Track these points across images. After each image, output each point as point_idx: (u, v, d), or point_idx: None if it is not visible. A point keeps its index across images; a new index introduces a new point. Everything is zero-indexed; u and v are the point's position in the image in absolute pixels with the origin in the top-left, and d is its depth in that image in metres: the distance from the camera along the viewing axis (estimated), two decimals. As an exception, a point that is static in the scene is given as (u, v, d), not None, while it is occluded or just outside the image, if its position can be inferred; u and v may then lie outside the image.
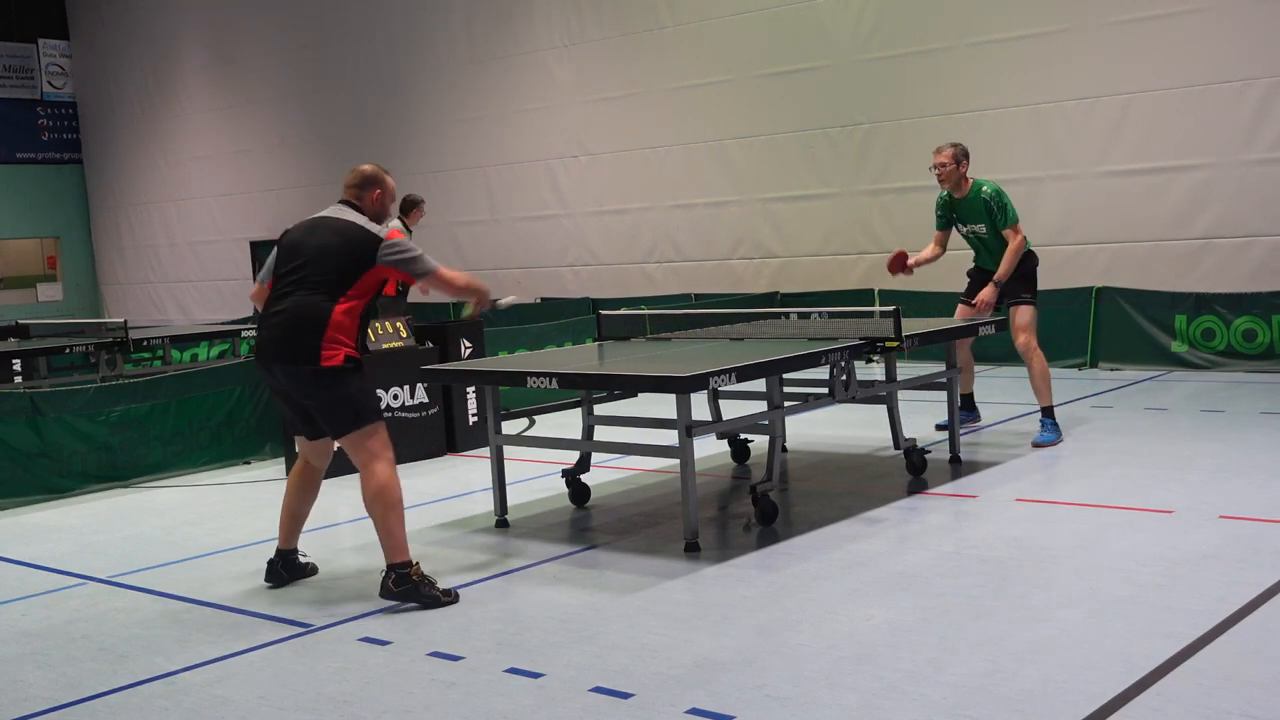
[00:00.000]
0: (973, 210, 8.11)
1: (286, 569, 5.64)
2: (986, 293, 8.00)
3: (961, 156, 8.10)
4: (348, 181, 5.61)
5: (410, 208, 12.35)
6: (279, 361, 5.21)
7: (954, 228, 8.38)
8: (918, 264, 8.40)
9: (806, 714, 3.79)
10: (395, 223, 5.31)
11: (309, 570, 5.73)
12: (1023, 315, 8.02)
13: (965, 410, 8.44)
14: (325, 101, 19.42)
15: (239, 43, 20.72)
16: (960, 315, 8.24)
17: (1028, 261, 8.12)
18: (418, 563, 5.20)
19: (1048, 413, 7.99)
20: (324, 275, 5.21)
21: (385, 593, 5.15)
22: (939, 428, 8.29)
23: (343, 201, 5.55)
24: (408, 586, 5.11)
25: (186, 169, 22.12)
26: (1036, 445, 7.81)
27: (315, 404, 5.25)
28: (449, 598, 5.16)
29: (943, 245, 8.46)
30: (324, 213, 5.52)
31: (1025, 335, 7.97)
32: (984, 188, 8.04)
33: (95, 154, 24.27)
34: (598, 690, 4.08)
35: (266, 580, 5.62)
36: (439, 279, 5.38)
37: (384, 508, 5.16)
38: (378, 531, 5.20)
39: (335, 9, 18.97)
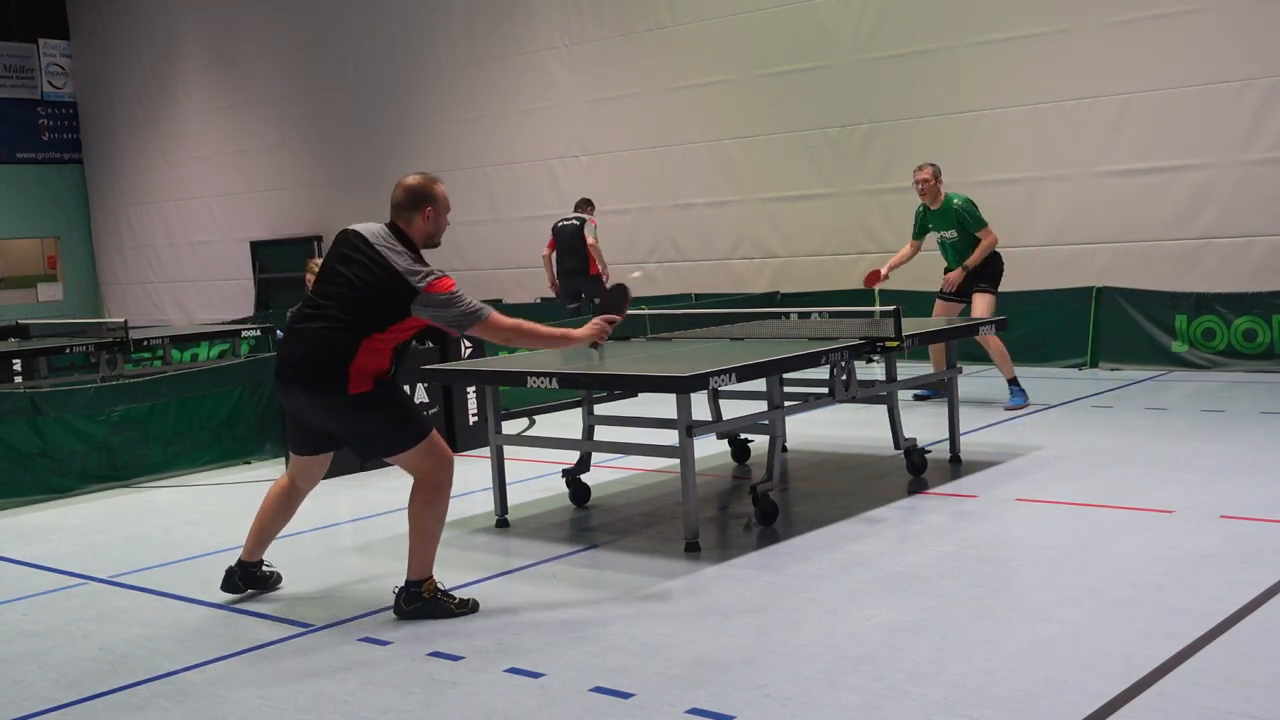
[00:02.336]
0: (945, 219, 9.38)
1: (245, 580, 5.41)
2: (954, 274, 9.34)
3: (939, 174, 9.39)
4: (395, 200, 4.97)
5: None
6: (300, 387, 4.90)
7: (927, 235, 9.63)
8: (893, 267, 9.66)
9: (806, 714, 3.79)
10: (436, 272, 4.98)
11: (273, 581, 5.50)
12: (982, 303, 9.27)
13: (931, 388, 9.61)
14: (325, 101, 19.41)
15: (239, 43, 20.71)
16: (939, 311, 9.52)
17: (995, 262, 9.44)
18: (432, 579, 5.01)
19: (1013, 382, 9.29)
20: (350, 313, 4.81)
21: (398, 611, 5.00)
22: (918, 398, 9.53)
23: (390, 225, 4.98)
24: (419, 605, 4.96)
25: (186, 169, 22.11)
26: (1009, 409, 9.07)
27: (346, 433, 5.01)
28: (464, 606, 4.98)
29: (916, 248, 9.81)
30: (368, 234, 4.94)
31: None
32: (955, 199, 9.33)
33: (95, 154, 24.27)
34: (598, 690, 4.08)
35: (223, 588, 5.41)
36: (489, 327, 4.91)
37: (418, 529, 5.00)
38: (410, 543, 5.02)
39: (335, 9, 18.97)
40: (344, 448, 5.33)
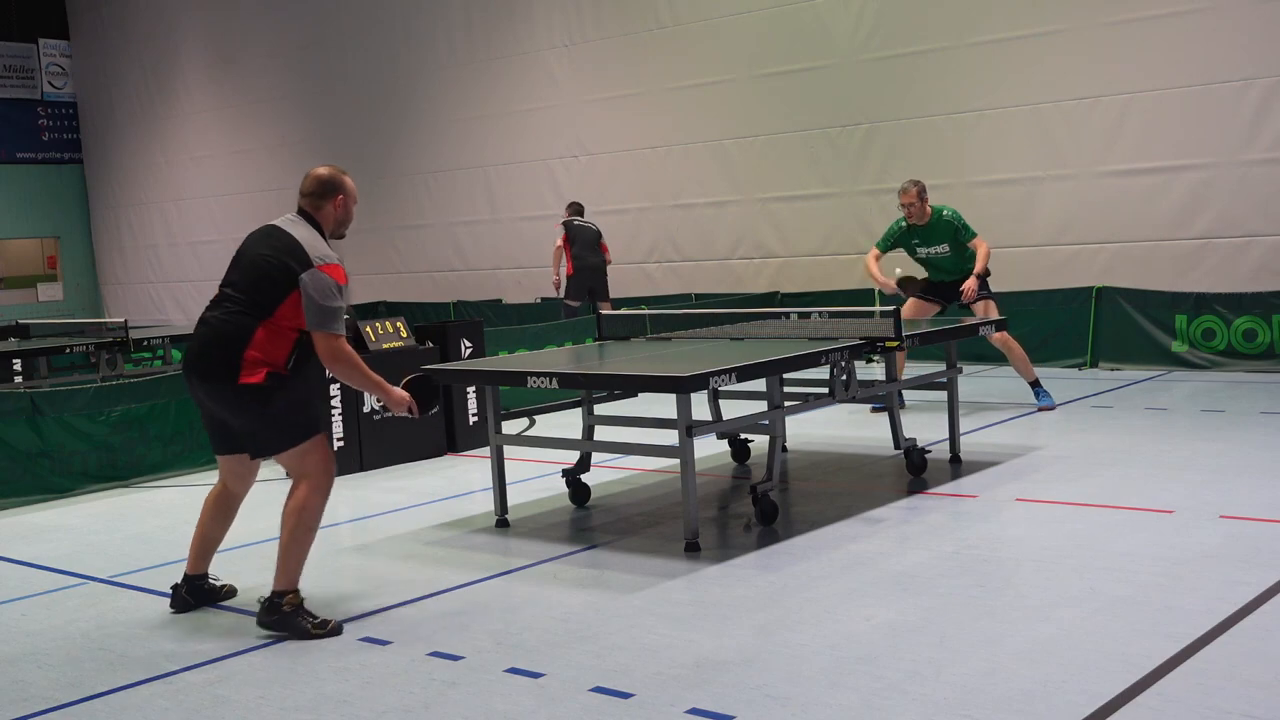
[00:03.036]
0: (936, 233, 9.10)
1: (193, 595, 5.27)
2: (970, 283, 8.95)
3: (924, 192, 9.08)
4: (303, 189, 5.05)
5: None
6: (196, 376, 4.92)
7: (910, 252, 9.32)
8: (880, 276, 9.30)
9: (806, 714, 3.79)
10: (333, 257, 4.98)
11: (224, 593, 5.37)
12: (987, 311, 8.97)
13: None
14: (325, 101, 19.42)
15: (239, 43, 20.72)
16: (917, 312, 9.22)
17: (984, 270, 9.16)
18: (297, 592, 4.87)
19: (1037, 383, 9.16)
20: (250, 294, 4.84)
21: (260, 621, 4.87)
22: (874, 410, 9.21)
23: (299, 212, 5.06)
24: (279, 616, 4.82)
25: (186, 169, 22.12)
26: (1042, 409, 9.01)
27: (237, 422, 4.95)
28: (324, 628, 4.80)
29: (878, 258, 9.40)
30: (278, 221, 5.04)
31: (1000, 332, 8.88)
32: (944, 212, 9.10)
33: (95, 154, 24.27)
34: (598, 690, 4.08)
35: (172, 607, 5.27)
36: (330, 351, 4.82)
37: (291, 529, 4.89)
38: (279, 548, 4.89)
39: (335, 9, 18.97)
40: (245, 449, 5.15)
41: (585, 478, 6.95)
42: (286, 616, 4.82)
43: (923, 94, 12.90)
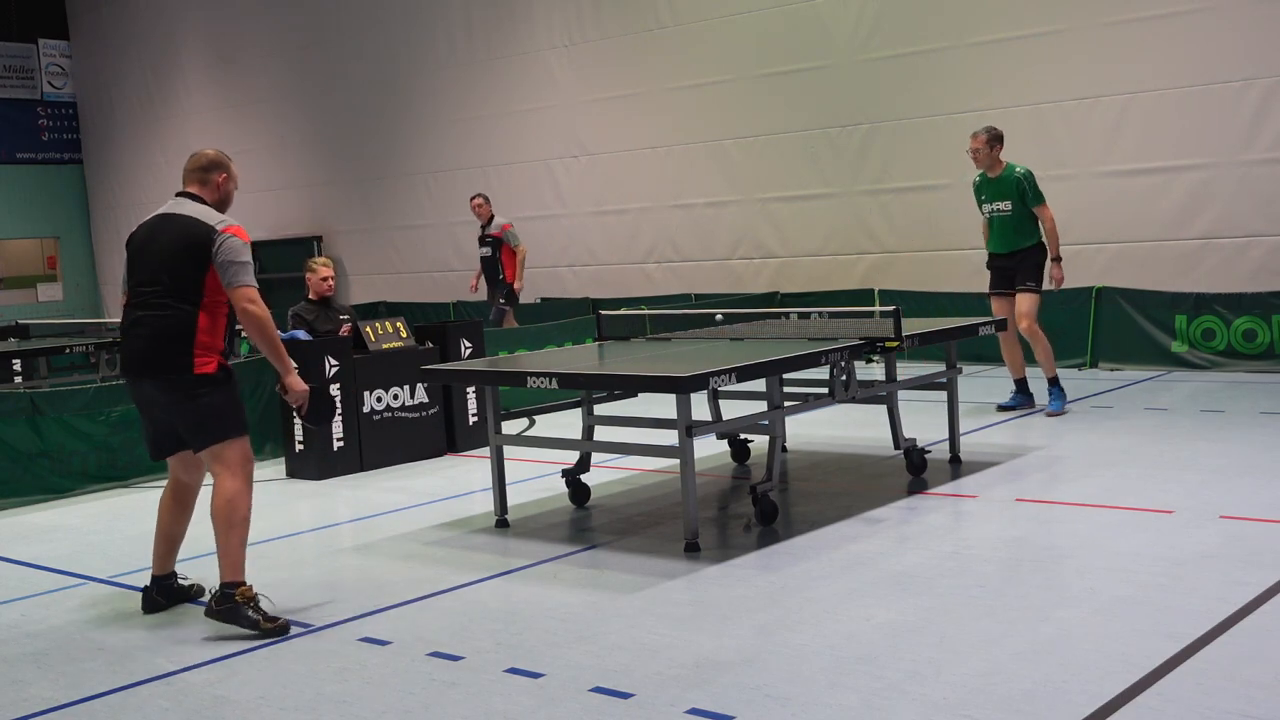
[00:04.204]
0: (1003, 189, 8.94)
1: (163, 595, 5.35)
2: (1056, 271, 8.95)
3: (995, 140, 8.98)
4: (188, 167, 5.20)
5: None
6: (148, 373, 5.00)
7: (979, 206, 9.16)
8: None
9: (806, 714, 3.79)
10: (232, 220, 5.05)
11: (193, 592, 5.44)
12: (1027, 302, 8.89)
13: (1021, 394, 9.27)
14: (325, 101, 19.42)
15: (239, 43, 20.72)
16: (999, 310, 9.04)
17: (1040, 253, 9.02)
18: (249, 585, 4.96)
19: (1054, 382, 8.98)
20: (176, 281, 4.95)
21: (208, 611, 4.95)
22: (1001, 408, 9.16)
23: (181, 194, 5.18)
24: (229, 606, 4.89)
25: (186, 169, 22.09)
26: (1050, 414, 8.79)
27: (183, 413, 5.01)
28: (272, 624, 4.86)
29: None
30: (164, 209, 5.15)
31: (1028, 321, 8.88)
32: (1017, 169, 8.94)
33: (95, 154, 24.27)
34: (598, 690, 4.08)
35: (144, 610, 5.32)
36: (247, 301, 4.94)
37: (226, 524, 4.98)
38: (217, 546, 4.99)
39: (335, 9, 18.97)
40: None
41: (585, 478, 6.95)
42: (237, 608, 4.89)
43: (923, 94, 12.89)
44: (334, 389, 5.66)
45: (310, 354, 8.13)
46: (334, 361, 8.31)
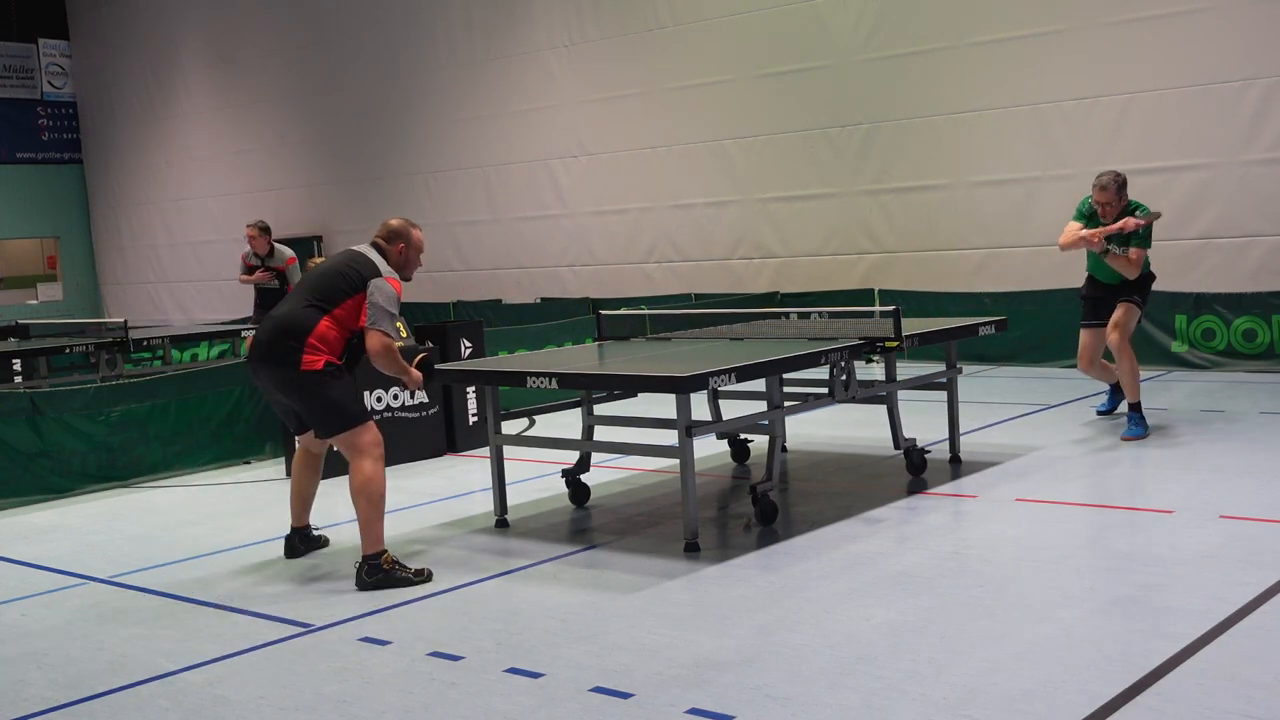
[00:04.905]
0: (1124, 235, 7.95)
1: (303, 542, 6.13)
2: (1129, 220, 7.84)
3: (1123, 187, 7.98)
4: (378, 233, 5.89)
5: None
6: (264, 362, 5.60)
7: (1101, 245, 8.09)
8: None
9: (806, 714, 3.79)
10: (397, 275, 5.78)
11: (322, 542, 6.22)
12: (1121, 313, 8.02)
13: (1115, 395, 8.65)
14: (325, 101, 19.42)
15: (239, 43, 20.72)
16: (1088, 343, 8.26)
17: (1149, 280, 8.19)
18: (387, 551, 5.51)
19: (1135, 408, 8.05)
20: (321, 291, 5.57)
21: (360, 584, 5.46)
22: (1100, 412, 8.69)
23: (373, 243, 5.86)
24: (379, 575, 5.43)
25: (186, 169, 22.12)
26: (1125, 439, 7.89)
27: (300, 406, 5.62)
28: (421, 576, 5.48)
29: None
30: (357, 247, 5.86)
31: (1119, 332, 7.99)
32: (1136, 210, 7.95)
33: (95, 154, 24.27)
34: (598, 690, 4.08)
35: (286, 555, 6.07)
36: (381, 346, 5.51)
37: (366, 501, 5.48)
38: (359, 523, 5.51)
39: (335, 9, 18.97)
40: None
41: (585, 478, 6.95)
42: (388, 573, 5.44)
43: (923, 94, 12.89)
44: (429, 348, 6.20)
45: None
46: (334, 361, 8.31)
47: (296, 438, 6.03)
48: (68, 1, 24.35)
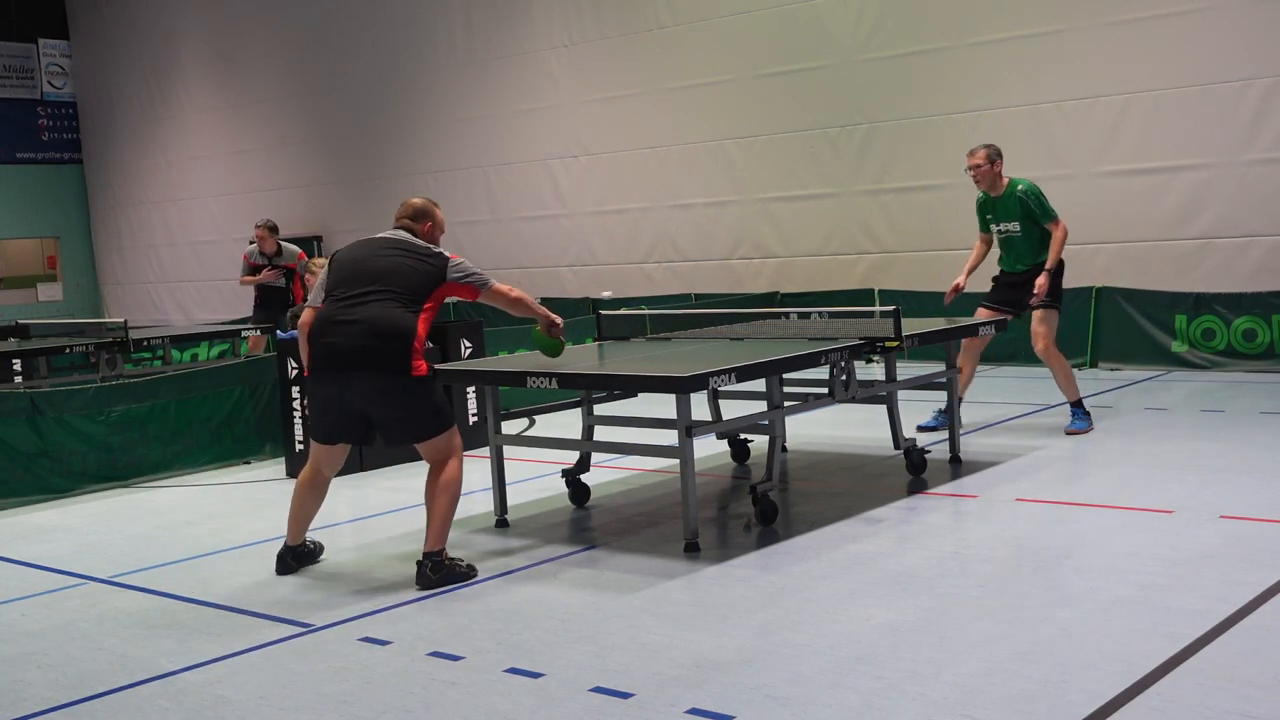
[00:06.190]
0: (1007, 209, 8.26)
1: (296, 559, 5.90)
2: (1041, 279, 8.11)
3: (995, 156, 8.23)
4: (401, 213, 5.87)
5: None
6: (365, 370, 5.39)
7: (984, 227, 8.54)
8: (970, 272, 8.55)
9: (806, 714, 3.79)
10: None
11: (315, 556, 6.02)
12: (1042, 321, 8.20)
13: (944, 413, 8.17)
14: (325, 101, 19.42)
15: (239, 43, 20.72)
16: (980, 317, 8.21)
17: (1059, 272, 8.30)
18: (445, 548, 5.53)
19: (1077, 404, 8.30)
20: (404, 289, 5.50)
21: (426, 584, 5.41)
22: (921, 429, 8.47)
23: (399, 227, 5.83)
24: (444, 571, 5.43)
25: (186, 169, 22.12)
26: (1069, 432, 8.15)
27: (399, 413, 5.48)
28: (472, 572, 5.54)
29: (987, 243, 8.59)
30: (384, 234, 5.78)
31: (1044, 342, 8.18)
32: (1019, 186, 8.20)
33: (95, 154, 24.27)
34: (598, 690, 4.08)
35: (278, 571, 5.83)
36: (495, 292, 5.76)
37: (451, 499, 5.51)
38: (434, 519, 5.47)
39: (335, 9, 18.97)
40: (369, 440, 5.74)
41: (585, 478, 6.94)
42: (450, 571, 5.46)
43: (923, 94, 12.90)
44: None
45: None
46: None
47: (313, 454, 5.72)
48: (68, 1, 24.35)
